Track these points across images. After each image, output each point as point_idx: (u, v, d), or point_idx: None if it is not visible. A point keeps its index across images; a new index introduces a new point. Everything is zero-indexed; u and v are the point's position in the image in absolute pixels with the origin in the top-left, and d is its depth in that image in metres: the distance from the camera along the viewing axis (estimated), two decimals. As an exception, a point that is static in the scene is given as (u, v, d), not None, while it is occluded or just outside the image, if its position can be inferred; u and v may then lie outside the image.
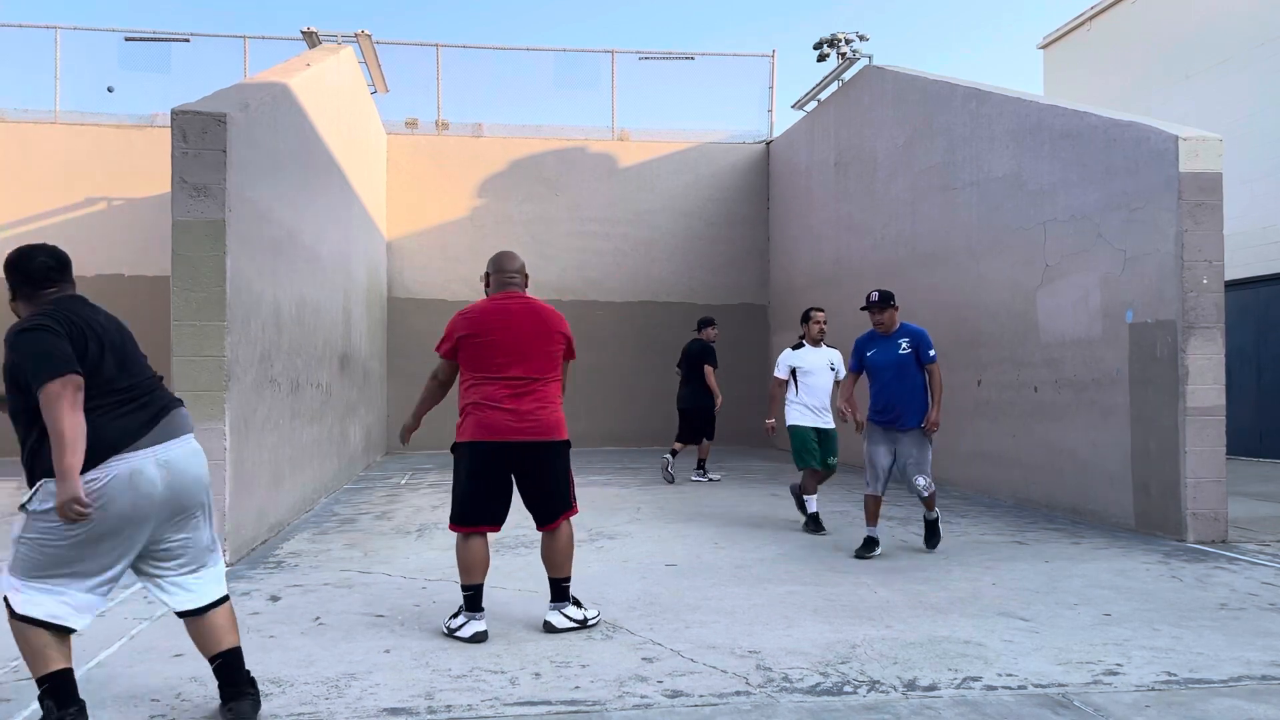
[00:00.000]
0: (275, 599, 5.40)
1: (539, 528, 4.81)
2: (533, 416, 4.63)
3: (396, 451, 15.36)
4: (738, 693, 3.83)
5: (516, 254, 4.98)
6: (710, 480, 11.16)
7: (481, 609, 4.63)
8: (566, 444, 4.80)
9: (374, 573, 6.11)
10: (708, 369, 10.97)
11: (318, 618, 4.98)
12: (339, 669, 4.12)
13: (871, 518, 6.61)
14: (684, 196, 16.60)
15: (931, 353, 6.58)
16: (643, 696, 3.78)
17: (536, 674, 4.06)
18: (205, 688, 3.87)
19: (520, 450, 4.63)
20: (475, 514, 4.64)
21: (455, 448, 4.74)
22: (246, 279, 6.81)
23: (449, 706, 3.67)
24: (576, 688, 3.89)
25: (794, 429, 7.69)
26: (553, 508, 4.76)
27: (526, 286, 4.92)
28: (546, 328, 4.73)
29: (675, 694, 3.81)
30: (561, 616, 4.71)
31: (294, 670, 4.11)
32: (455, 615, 4.70)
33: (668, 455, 11.23)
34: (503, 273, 4.84)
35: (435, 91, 16.26)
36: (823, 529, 7.53)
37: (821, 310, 7.98)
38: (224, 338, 6.33)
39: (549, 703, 3.72)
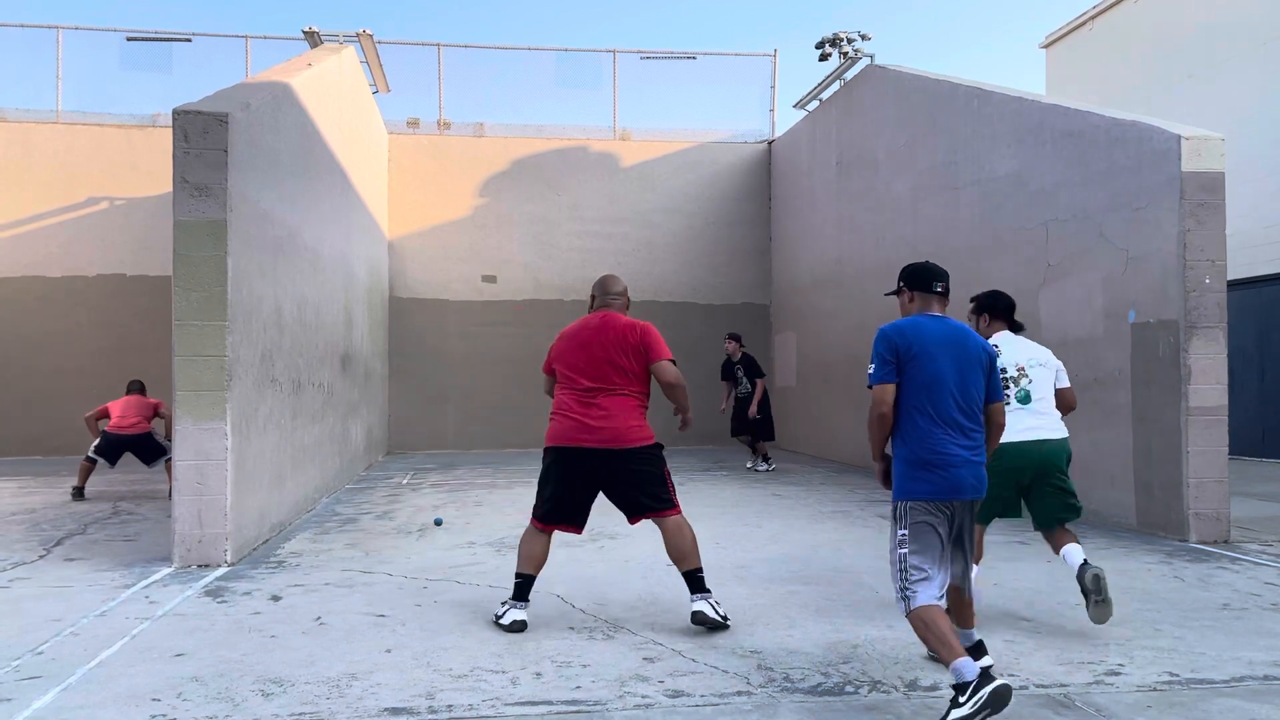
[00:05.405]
0: (276, 599, 5.40)
1: (630, 521, 4.98)
2: (597, 425, 4.81)
3: (398, 451, 15.37)
4: (739, 693, 3.82)
5: (619, 278, 5.25)
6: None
7: (525, 600, 4.84)
8: (639, 451, 4.85)
9: (375, 573, 6.11)
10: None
11: (319, 618, 4.98)
12: (340, 669, 4.12)
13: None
14: (685, 196, 16.59)
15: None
16: (644, 696, 3.78)
17: (538, 674, 4.05)
18: (206, 687, 3.88)
19: (589, 456, 4.83)
20: (545, 511, 4.91)
21: (545, 450, 5.05)
22: (248, 279, 6.81)
23: (450, 706, 3.67)
24: (578, 687, 3.89)
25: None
26: (637, 507, 4.89)
27: (626, 309, 5.16)
28: (611, 340, 4.89)
29: (676, 694, 3.81)
30: (709, 605, 4.70)
31: (295, 670, 4.10)
32: (503, 603, 4.93)
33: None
34: (604, 294, 5.16)
35: (437, 91, 16.26)
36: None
37: None
38: (225, 337, 6.33)
39: (550, 702, 3.72)
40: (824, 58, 14.27)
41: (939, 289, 3.89)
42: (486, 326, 15.91)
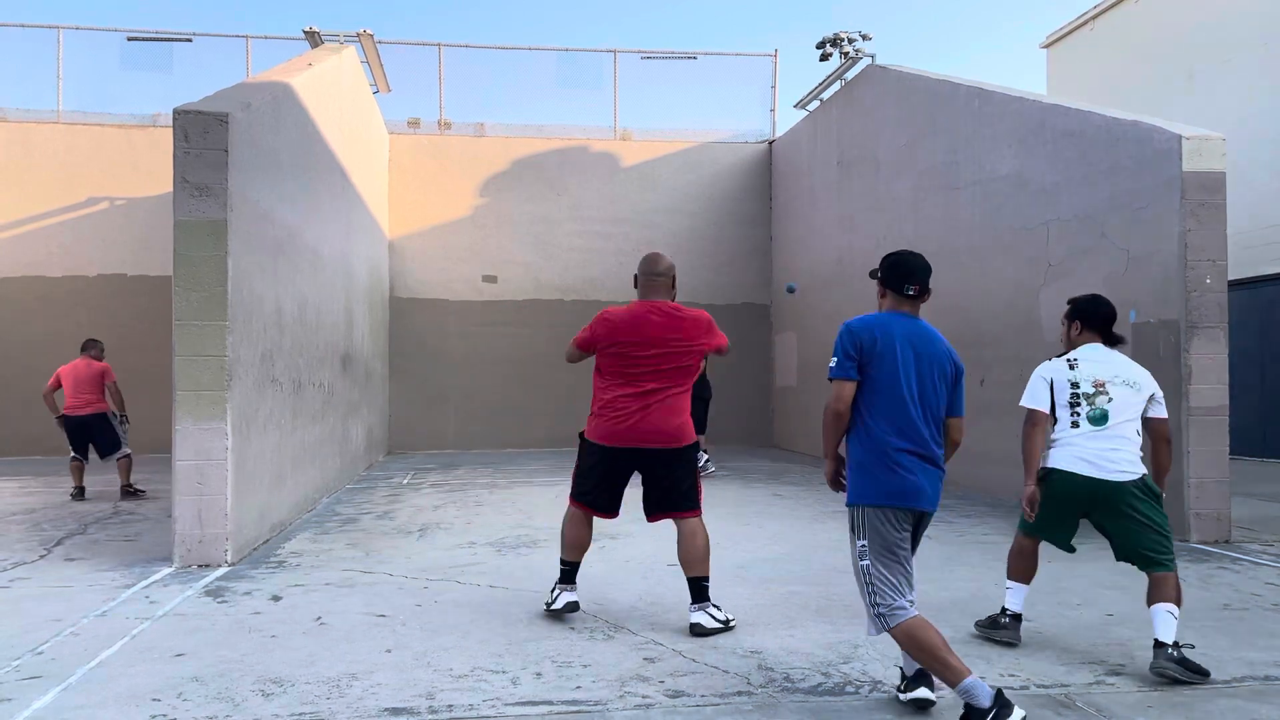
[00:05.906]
0: (277, 599, 5.40)
1: (649, 519, 4.96)
2: (655, 424, 4.75)
3: (398, 451, 15.37)
4: (739, 693, 3.82)
5: (664, 255, 5.04)
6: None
7: (573, 583, 4.94)
8: (686, 450, 4.85)
9: (376, 573, 6.10)
10: None
11: (319, 617, 4.98)
12: (340, 668, 4.12)
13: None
14: (686, 196, 16.58)
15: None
16: (644, 696, 3.78)
17: (538, 674, 4.05)
18: (206, 687, 3.87)
19: (642, 455, 4.81)
20: (588, 495, 4.92)
21: (583, 439, 4.97)
22: (248, 279, 6.81)
23: (450, 706, 3.67)
24: (578, 688, 3.88)
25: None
26: (667, 504, 4.88)
27: (674, 286, 4.98)
28: (678, 338, 4.78)
29: (677, 694, 3.80)
30: (707, 616, 4.67)
31: (295, 670, 4.10)
32: (551, 590, 5.03)
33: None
34: (648, 275, 4.93)
35: (437, 91, 16.26)
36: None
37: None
38: (225, 337, 6.32)
39: (550, 703, 3.71)
40: (824, 58, 14.27)
41: (910, 292, 3.68)
42: (486, 326, 15.91)
